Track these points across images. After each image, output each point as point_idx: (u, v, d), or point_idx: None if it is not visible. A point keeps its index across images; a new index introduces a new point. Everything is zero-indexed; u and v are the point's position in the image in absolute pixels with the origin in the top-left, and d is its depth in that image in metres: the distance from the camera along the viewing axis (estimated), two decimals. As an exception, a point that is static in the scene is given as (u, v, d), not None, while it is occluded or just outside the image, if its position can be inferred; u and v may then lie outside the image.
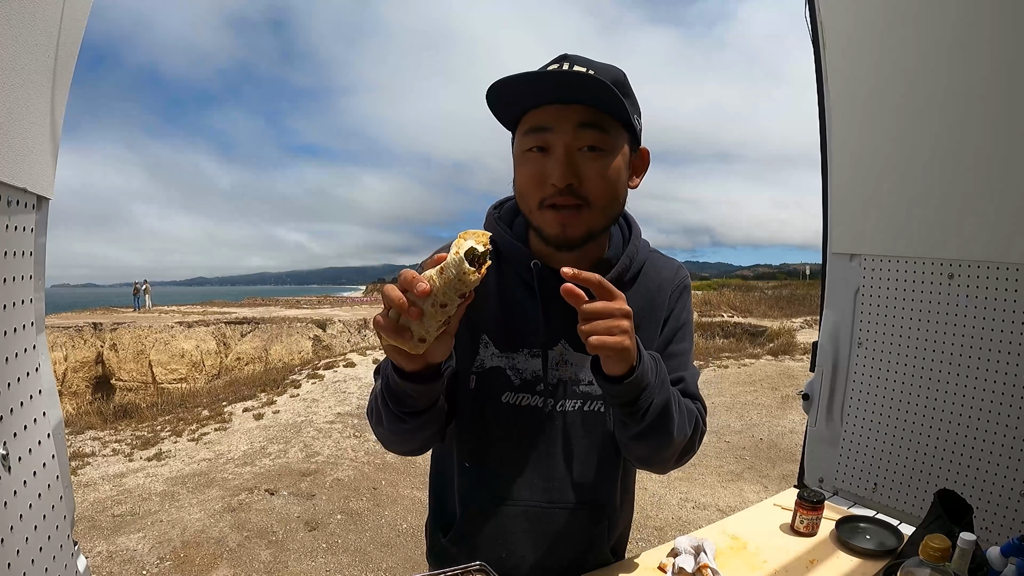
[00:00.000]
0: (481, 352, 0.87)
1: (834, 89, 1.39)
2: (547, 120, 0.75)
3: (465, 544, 0.91)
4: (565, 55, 0.77)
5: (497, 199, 0.93)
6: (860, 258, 1.42)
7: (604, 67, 0.76)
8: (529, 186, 0.77)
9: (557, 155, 0.74)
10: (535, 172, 0.76)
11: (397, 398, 0.73)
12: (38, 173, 0.73)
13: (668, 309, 0.90)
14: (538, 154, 0.76)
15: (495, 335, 0.86)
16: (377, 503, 4.16)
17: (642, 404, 0.73)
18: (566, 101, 0.74)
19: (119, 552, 3.37)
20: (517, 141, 0.79)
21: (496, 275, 0.86)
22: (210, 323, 19.13)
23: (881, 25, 1.28)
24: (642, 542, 3.51)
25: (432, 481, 1.00)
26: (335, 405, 6.97)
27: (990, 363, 1.19)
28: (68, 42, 0.77)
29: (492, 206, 0.92)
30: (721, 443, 5.41)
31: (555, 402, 0.87)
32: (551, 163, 0.75)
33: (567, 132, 0.74)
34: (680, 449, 0.83)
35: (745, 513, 1.29)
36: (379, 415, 0.79)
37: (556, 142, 0.74)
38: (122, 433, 6.24)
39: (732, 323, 15.77)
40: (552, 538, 0.90)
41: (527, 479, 0.88)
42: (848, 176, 1.41)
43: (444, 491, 0.96)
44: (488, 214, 0.91)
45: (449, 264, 0.59)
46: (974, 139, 1.17)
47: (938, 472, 1.28)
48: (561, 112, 0.74)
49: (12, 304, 0.70)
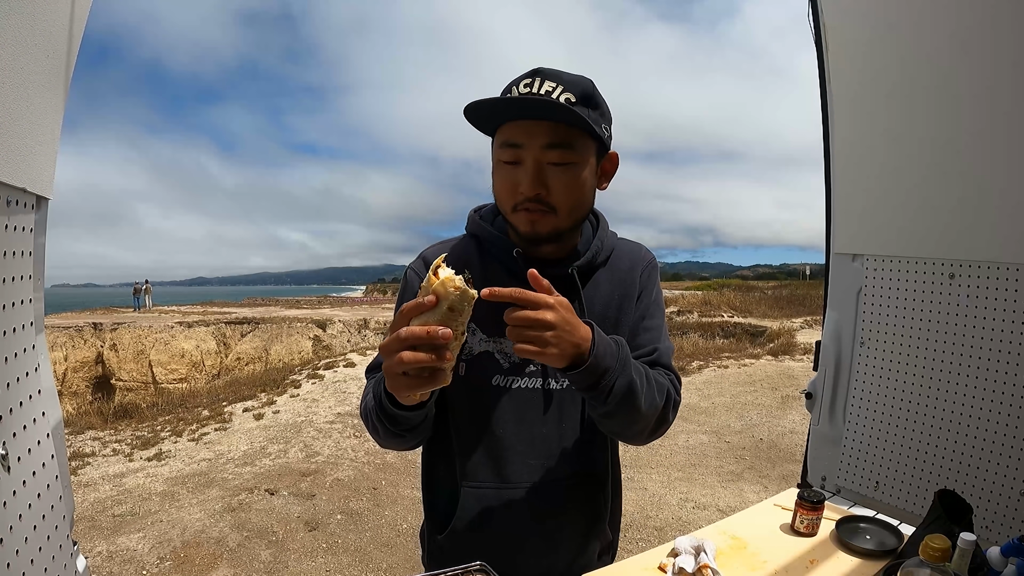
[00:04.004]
0: (468, 339, 0.90)
1: (837, 90, 1.39)
2: (518, 137, 0.82)
3: (464, 533, 0.92)
4: (538, 69, 0.83)
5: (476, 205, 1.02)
6: (862, 258, 1.42)
7: (572, 80, 0.82)
8: (503, 193, 0.86)
9: (526, 168, 0.82)
10: (508, 182, 0.85)
11: (394, 420, 0.78)
12: (37, 173, 0.73)
13: (640, 287, 0.97)
14: (511, 166, 0.84)
15: (481, 322, 0.89)
16: (377, 503, 4.16)
17: (604, 387, 0.77)
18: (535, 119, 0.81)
19: (119, 552, 3.37)
20: (494, 151, 0.87)
21: (480, 266, 0.92)
22: (210, 323, 19.14)
23: (883, 27, 1.28)
24: (642, 542, 3.51)
25: (424, 485, 1.02)
26: (335, 405, 6.97)
27: (991, 363, 1.19)
28: (68, 42, 0.77)
29: (473, 210, 0.99)
30: (721, 443, 5.41)
31: (543, 381, 0.92)
32: (521, 174, 0.83)
33: (535, 148, 0.81)
34: (653, 421, 0.87)
35: (745, 513, 1.29)
36: (374, 426, 0.84)
37: (526, 156, 0.82)
38: (122, 433, 6.24)
39: (732, 323, 15.77)
40: (553, 513, 0.94)
41: (523, 459, 0.92)
42: (850, 177, 1.41)
43: (436, 490, 0.99)
44: (470, 216, 0.98)
45: (452, 299, 0.63)
46: (975, 140, 1.17)
47: (938, 472, 1.28)
48: (530, 129, 0.81)
49: (11, 304, 0.70)
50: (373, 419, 0.82)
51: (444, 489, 0.96)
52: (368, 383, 0.93)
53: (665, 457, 5.06)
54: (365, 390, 0.92)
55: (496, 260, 0.93)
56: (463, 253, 0.94)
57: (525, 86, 0.82)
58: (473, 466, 0.92)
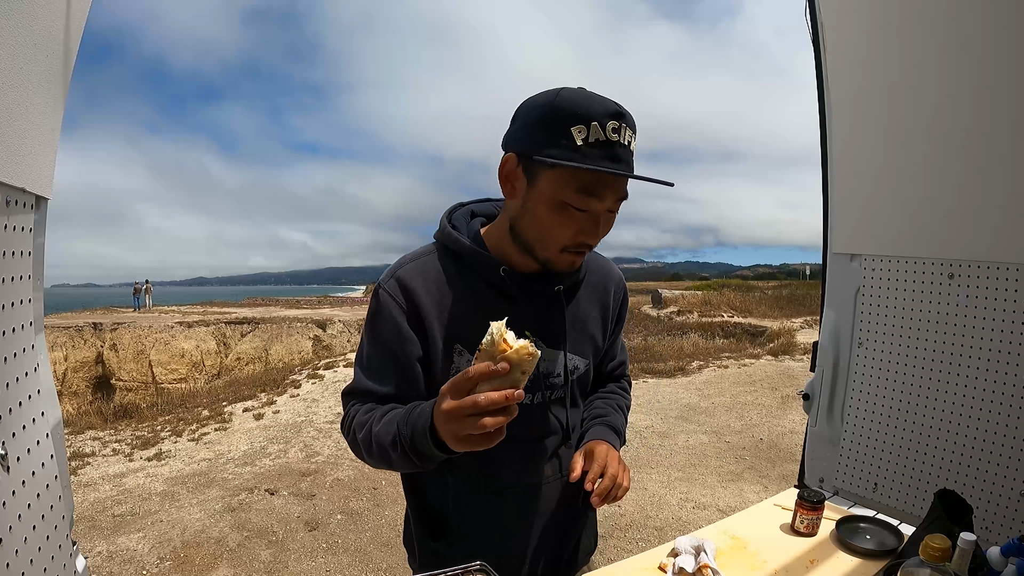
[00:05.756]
0: (456, 360, 0.90)
1: (834, 89, 1.39)
2: (601, 191, 0.79)
3: (462, 542, 0.95)
4: (623, 112, 0.78)
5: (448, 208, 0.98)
6: (860, 258, 1.42)
7: (632, 120, 0.80)
8: (560, 234, 0.82)
9: (595, 218, 0.81)
10: (572, 227, 0.81)
11: (429, 460, 0.78)
12: (37, 173, 0.73)
13: (615, 309, 1.04)
14: (576, 211, 0.80)
15: (468, 342, 0.89)
16: (377, 503, 4.16)
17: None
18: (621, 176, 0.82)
19: (119, 552, 3.37)
20: (556, 189, 0.79)
21: (461, 284, 0.90)
22: (210, 323, 19.13)
23: (881, 26, 1.28)
24: (642, 542, 3.51)
25: (407, 486, 1.02)
26: (335, 405, 6.97)
27: (990, 363, 1.19)
28: (67, 42, 0.77)
29: (443, 215, 0.96)
30: (721, 443, 5.41)
31: (533, 396, 0.93)
32: (588, 223, 0.81)
33: (610, 202, 0.81)
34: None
35: (745, 513, 1.29)
36: (382, 456, 0.83)
37: (599, 208, 0.81)
38: (122, 433, 6.24)
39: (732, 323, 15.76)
40: (543, 511, 0.99)
41: (514, 468, 0.95)
42: (848, 176, 1.41)
43: (424, 496, 1.00)
44: (441, 225, 0.94)
45: (525, 365, 0.66)
46: (974, 139, 1.17)
47: (938, 472, 1.28)
48: (614, 185, 0.80)
49: (11, 304, 0.70)
50: (393, 453, 0.80)
51: (434, 494, 0.98)
52: (360, 409, 0.89)
53: (665, 457, 5.06)
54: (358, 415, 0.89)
55: (477, 276, 0.90)
56: (441, 270, 0.90)
57: (613, 131, 0.76)
58: (468, 477, 0.94)
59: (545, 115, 0.78)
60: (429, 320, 0.88)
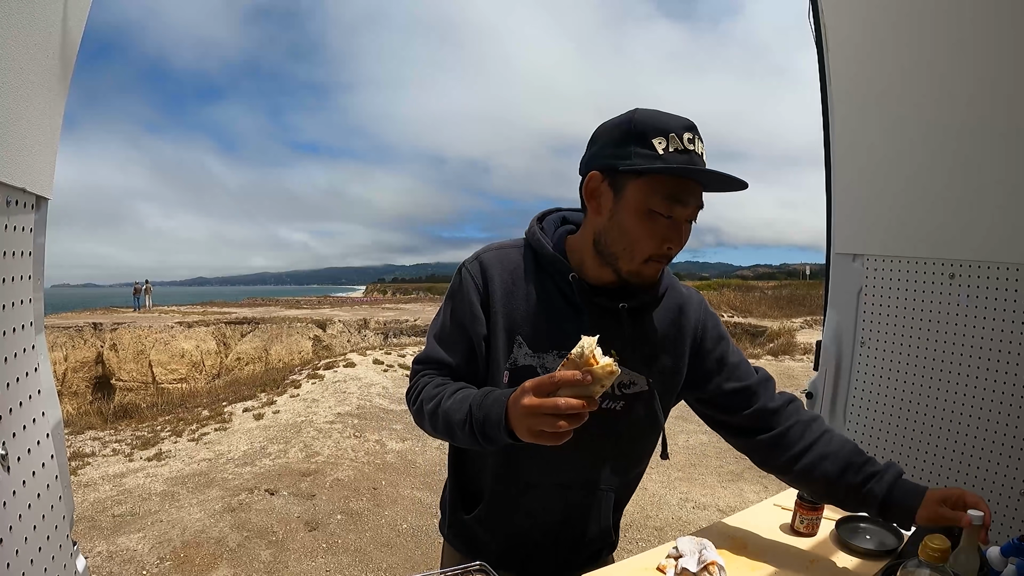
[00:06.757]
0: (515, 351, 0.94)
1: (837, 90, 1.39)
2: (686, 196, 0.85)
3: (490, 522, 1.03)
4: (693, 125, 0.84)
5: (540, 212, 1.04)
6: (863, 258, 1.42)
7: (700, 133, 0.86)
8: (648, 242, 0.86)
9: (678, 226, 0.86)
10: (659, 235, 0.86)
11: (494, 443, 0.82)
12: (37, 173, 0.73)
13: (698, 336, 1.02)
14: (662, 218, 0.85)
15: (529, 336, 0.94)
16: (377, 503, 4.16)
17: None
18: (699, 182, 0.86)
19: (119, 552, 3.37)
20: (642, 196, 0.85)
21: (535, 281, 0.96)
22: (210, 323, 19.14)
23: (883, 27, 1.28)
24: (642, 542, 3.51)
25: (452, 461, 1.09)
26: (335, 405, 6.97)
27: (990, 362, 1.19)
28: (67, 42, 0.77)
29: (535, 218, 1.02)
30: (721, 443, 5.39)
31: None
32: (673, 231, 0.86)
33: (692, 208, 0.86)
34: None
35: (745, 513, 1.29)
36: (448, 430, 0.88)
37: (682, 215, 0.86)
38: (122, 433, 6.23)
39: (732, 323, 15.76)
40: (568, 513, 1.03)
41: (553, 465, 0.99)
42: (851, 177, 1.41)
43: (467, 472, 1.07)
44: (532, 226, 1.00)
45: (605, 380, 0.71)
46: (975, 140, 1.17)
47: (938, 472, 1.28)
48: (695, 191, 0.86)
49: (11, 304, 0.70)
50: (455, 428, 0.85)
51: (473, 477, 1.05)
52: (431, 382, 0.95)
53: (665, 457, 5.06)
54: (427, 387, 0.94)
55: (550, 278, 0.96)
56: (520, 264, 0.97)
57: (689, 142, 0.83)
58: (508, 467, 1.00)
59: (627, 131, 0.84)
60: (497, 306, 0.94)
